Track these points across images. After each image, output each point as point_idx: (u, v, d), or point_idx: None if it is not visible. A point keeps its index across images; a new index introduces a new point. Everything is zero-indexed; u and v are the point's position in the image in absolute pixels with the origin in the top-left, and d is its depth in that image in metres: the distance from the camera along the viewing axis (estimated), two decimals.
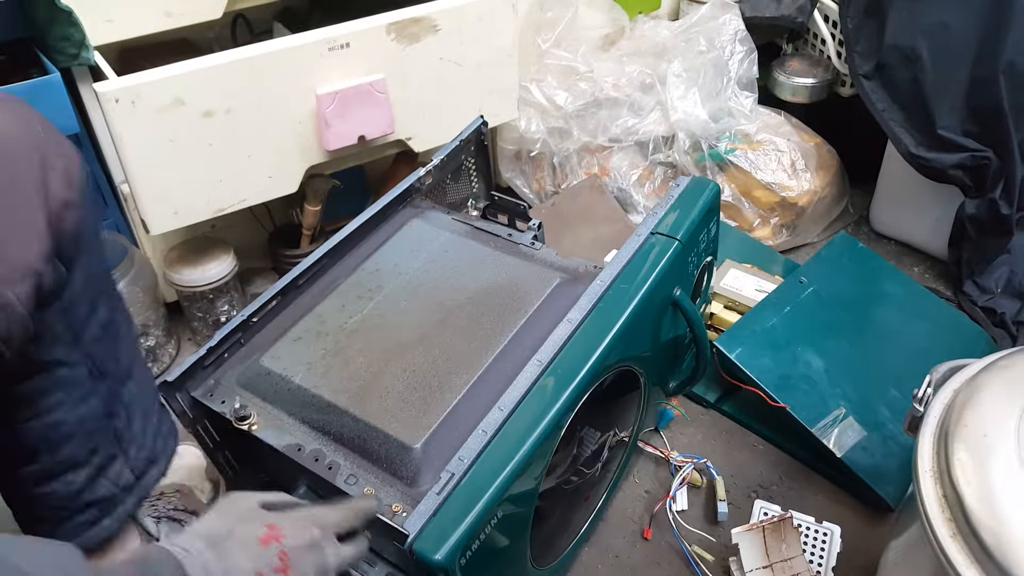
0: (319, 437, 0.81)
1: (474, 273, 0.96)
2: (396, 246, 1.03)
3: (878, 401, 1.10)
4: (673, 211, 1.00)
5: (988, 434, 0.69)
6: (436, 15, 1.21)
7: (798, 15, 1.53)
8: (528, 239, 1.03)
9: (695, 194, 1.02)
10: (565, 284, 0.94)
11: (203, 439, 0.88)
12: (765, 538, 0.94)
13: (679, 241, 0.95)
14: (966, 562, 0.65)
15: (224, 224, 1.34)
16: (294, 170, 1.22)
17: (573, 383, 0.80)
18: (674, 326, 1.00)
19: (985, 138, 1.27)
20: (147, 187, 1.11)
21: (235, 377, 0.88)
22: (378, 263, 1.00)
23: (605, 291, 0.89)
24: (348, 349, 0.88)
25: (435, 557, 0.65)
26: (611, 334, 0.84)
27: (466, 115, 1.25)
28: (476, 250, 1.01)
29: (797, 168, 1.48)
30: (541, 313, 0.90)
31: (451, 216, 1.09)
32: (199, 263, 1.28)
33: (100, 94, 1.02)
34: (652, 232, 0.97)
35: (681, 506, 1.06)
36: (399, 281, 0.96)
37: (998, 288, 1.38)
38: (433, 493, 0.70)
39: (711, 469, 1.08)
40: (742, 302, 1.22)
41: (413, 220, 1.07)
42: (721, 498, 1.05)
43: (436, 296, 0.94)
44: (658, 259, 0.93)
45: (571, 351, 0.83)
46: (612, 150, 1.53)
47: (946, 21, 1.24)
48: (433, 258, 1.00)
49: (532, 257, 1.00)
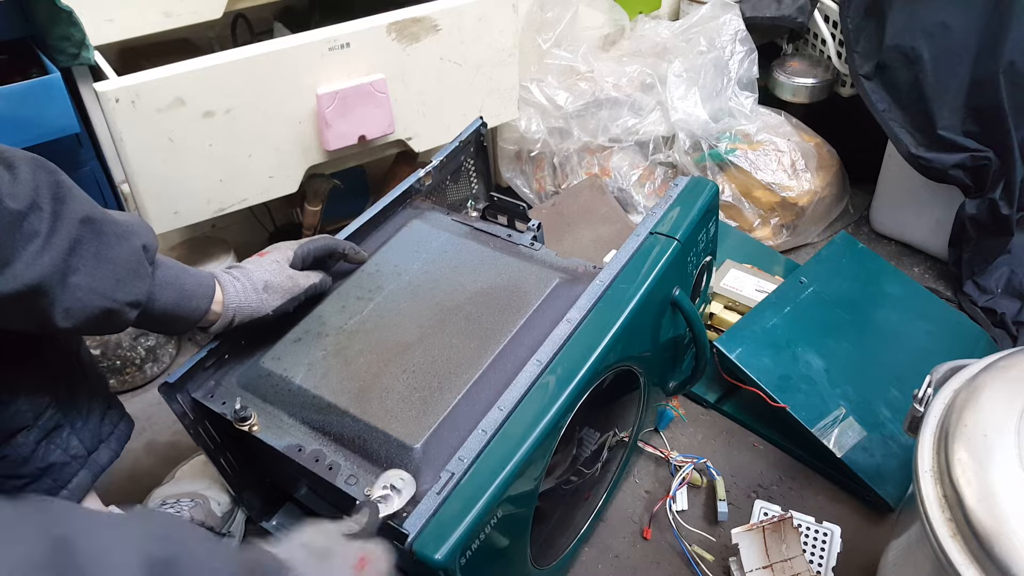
0: (319, 438, 0.81)
1: (474, 274, 0.97)
2: (396, 247, 1.03)
3: (878, 401, 1.11)
4: (672, 211, 1.00)
5: (988, 434, 0.69)
6: (436, 15, 1.21)
7: (798, 15, 1.53)
8: (528, 240, 1.03)
9: (694, 194, 1.02)
10: (564, 284, 0.94)
11: (204, 440, 0.88)
12: (765, 538, 0.94)
13: (678, 241, 0.95)
14: (966, 562, 0.65)
15: (224, 224, 1.35)
16: (294, 170, 1.22)
17: (572, 383, 0.80)
18: (673, 326, 1.00)
19: (985, 138, 1.27)
20: (147, 187, 1.11)
21: (235, 378, 0.88)
22: (378, 264, 1.00)
23: (604, 291, 0.89)
24: (348, 350, 0.88)
25: (435, 557, 0.66)
26: (610, 334, 0.84)
27: (466, 115, 1.25)
28: (476, 251, 1.01)
29: (797, 168, 1.48)
30: (540, 313, 0.90)
31: (451, 217, 1.09)
32: (199, 263, 1.28)
33: (100, 94, 1.02)
34: (651, 232, 0.97)
35: (681, 506, 1.06)
36: (399, 282, 0.96)
37: (998, 288, 1.38)
38: (433, 493, 0.70)
39: (711, 469, 1.08)
40: (742, 302, 1.22)
41: (413, 221, 1.07)
42: (721, 498, 1.05)
43: (436, 297, 0.94)
44: (657, 259, 0.93)
45: (570, 351, 0.83)
46: (612, 150, 1.53)
47: (946, 21, 1.24)
48: (433, 259, 1.00)
49: (531, 258, 1.00)
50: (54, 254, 0.64)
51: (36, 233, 0.63)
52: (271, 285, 0.86)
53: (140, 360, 1.27)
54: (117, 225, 0.70)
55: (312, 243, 0.92)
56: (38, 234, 0.63)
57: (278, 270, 0.87)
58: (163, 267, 0.76)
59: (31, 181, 0.64)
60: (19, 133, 1.05)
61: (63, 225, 0.65)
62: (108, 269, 0.69)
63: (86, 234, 0.67)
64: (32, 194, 0.63)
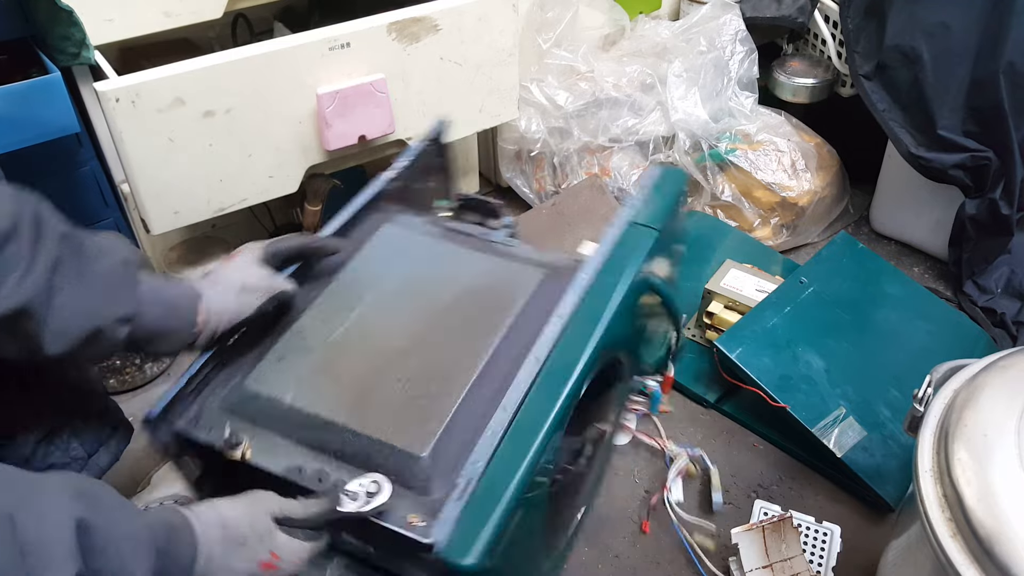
0: (319, 456, 0.77)
1: (455, 275, 0.95)
2: (371, 253, 0.99)
3: (878, 401, 1.11)
4: (649, 201, 1.01)
5: (988, 434, 0.69)
6: (437, 15, 1.21)
7: (798, 15, 1.53)
8: (503, 236, 1.03)
9: (668, 185, 1.04)
10: (548, 280, 0.93)
11: (188, 471, 0.84)
12: (765, 538, 0.94)
13: (657, 231, 0.96)
14: (966, 562, 0.65)
15: (224, 224, 1.35)
16: (294, 170, 1.22)
17: (572, 377, 0.80)
18: (651, 309, 1.02)
19: (985, 138, 1.27)
20: (147, 186, 1.11)
21: (218, 403, 0.83)
22: (355, 272, 0.96)
23: (590, 284, 0.89)
24: (337, 363, 0.85)
25: (466, 563, 0.65)
26: (602, 326, 0.85)
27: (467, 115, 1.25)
28: (453, 251, 0.99)
29: (797, 168, 1.48)
30: (529, 311, 0.89)
31: (421, 219, 1.06)
32: (199, 262, 1.28)
33: (100, 93, 1.02)
34: (631, 223, 0.97)
35: (677, 497, 1.07)
36: (379, 289, 0.94)
37: (998, 288, 1.38)
38: (453, 499, 0.69)
39: (705, 459, 1.09)
40: (742, 302, 1.22)
41: (384, 225, 1.04)
42: (716, 488, 1.06)
43: (420, 301, 0.92)
44: (639, 249, 0.94)
45: (566, 346, 0.83)
46: (612, 150, 1.53)
47: (946, 22, 1.24)
48: (411, 263, 0.97)
49: (510, 254, 0.99)
50: (36, 276, 0.64)
51: (18, 258, 0.64)
52: (248, 286, 0.84)
53: (140, 360, 1.27)
54: (95, 242, 0.71)
55: (280, 242, 0.90)
56: (20, 258, 0.64)
57: (251, 270, 0.86)
58: (145, 282, 0.75)
59: (11, 209, 0.64)
60: (19, 133, 1.05)
61: (43, 246, 0.65)
62: (92, 285, 0.69)
63: (66, 252, 0.67)
64: (11, 221, 0.64)
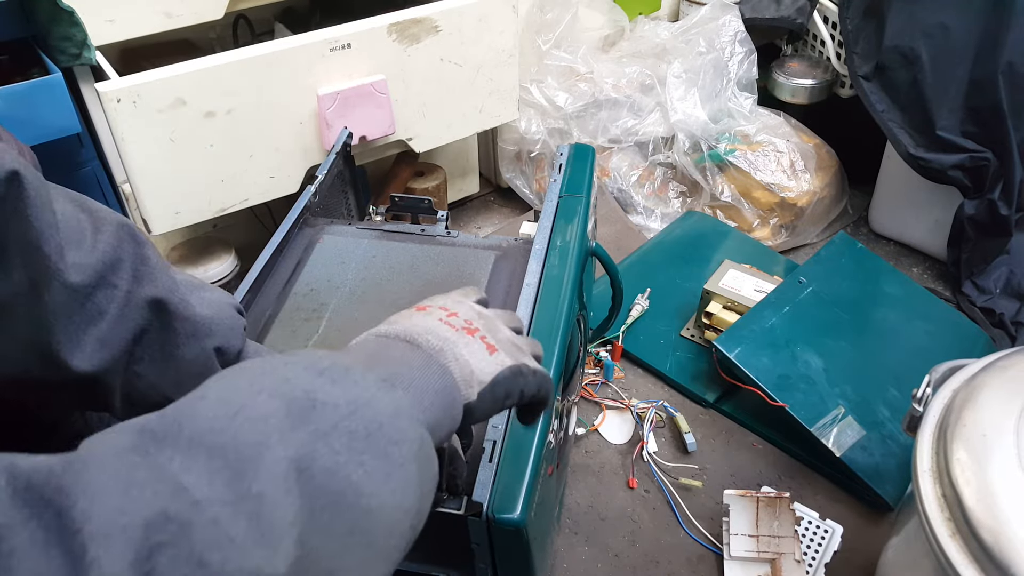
0: None
1: (412, 269, 0.97)
2: (317, 264, 0.98)
3: (877, 401, 1.11)
4: (569, 175, 1.05)
5: (987, 434, 0.69)
6: (437, 16, 1.21)
7: (798, 16, 1.54)
8: (441, 230, 1.04)
9: (581, 157, 1.08)
10: (501, 259, 0.97)
11: None
12: (758, 509, 0.96)
13: (584, 197, 1.01)
14: (965, 561, 0.65)
15: (225, 224, 1.35)
16: (295, 170, 1.22)
17: (559, 335, 0.83)
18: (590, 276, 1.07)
19: (984, 139, 1.27)
20: (149, 187, 1.11)
21: None
22: (308, 283, 0.95)
23: (547, 252, 0.92)
24: None
25: (513, 517, 0.67)
26: (569, 285, 0.88)
27: (467, 115, 1.25)
28: (402, 249, 1.00)
29: (796, 169, 1.48)
30: (493, 287, 0.92)
31: (356, 226, 1.06)
32: (200, 263, 1.29)
33: (102, 94, 1.02)
34: (560, 196, 1.01)
35: (653, 447, 1.14)
36: (340, 294, 0.93)
37: (997, 288, 1.39)
38: (485, 462, 0.71)
39: (668, 408, 1.18)
40: (741, 302, 1.23)
41: (322, 236, 1.03)
42: (686, 431, 1.14)
43: (386, 298, 0.92)
44: (577, 215, 0.98)
45: (544, 308, 0.86)
46: (612, 151, 1.53)
47: (945, 22, 1.25)
48: (364, 265, 0.97)
49: (457, 244, 1.00)
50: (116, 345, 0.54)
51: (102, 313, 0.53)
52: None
53: None
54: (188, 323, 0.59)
55: None
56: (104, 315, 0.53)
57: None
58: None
59: (112, 252, 0.54)
60: (20, 133, 1.04)
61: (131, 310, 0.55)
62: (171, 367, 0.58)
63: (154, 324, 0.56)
64: (106, 267, 0.53)
